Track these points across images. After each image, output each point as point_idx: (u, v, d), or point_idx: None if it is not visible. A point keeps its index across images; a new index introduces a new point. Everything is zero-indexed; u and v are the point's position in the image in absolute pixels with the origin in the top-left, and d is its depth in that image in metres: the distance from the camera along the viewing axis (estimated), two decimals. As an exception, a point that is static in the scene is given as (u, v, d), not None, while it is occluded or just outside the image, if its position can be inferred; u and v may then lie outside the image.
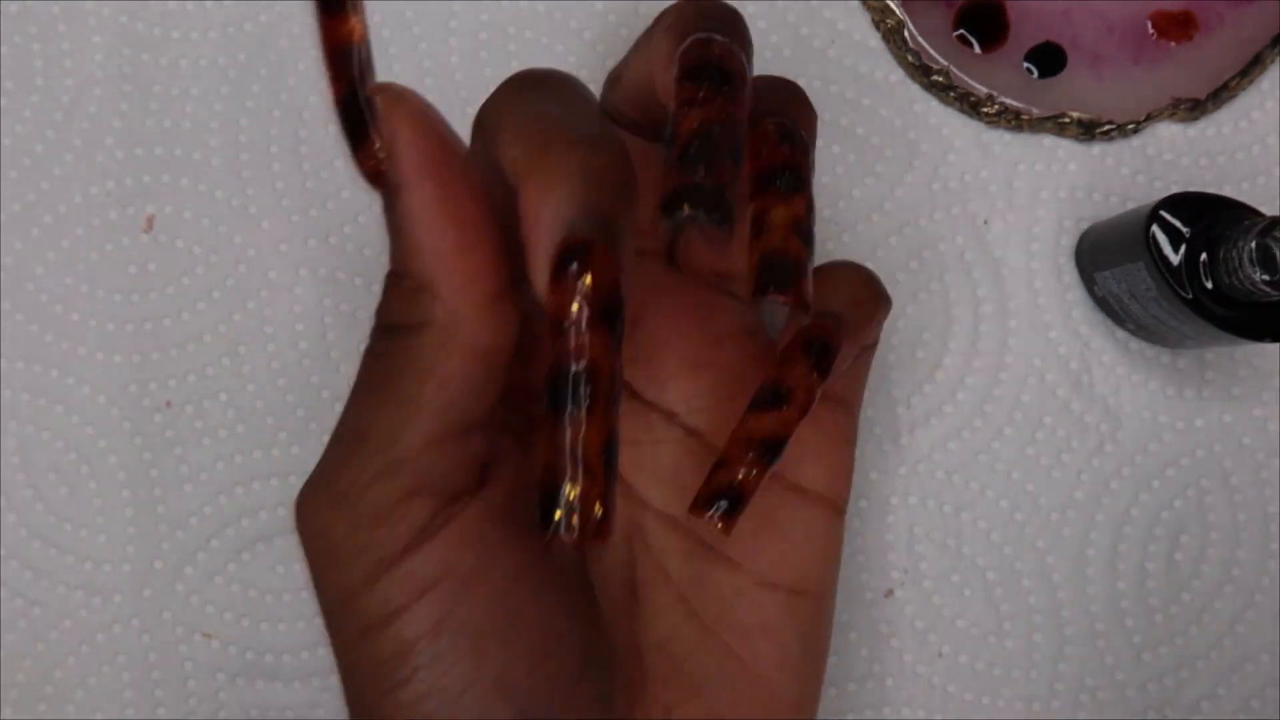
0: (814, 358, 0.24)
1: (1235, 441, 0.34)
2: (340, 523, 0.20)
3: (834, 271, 0.27)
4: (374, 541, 0.20)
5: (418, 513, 0.20)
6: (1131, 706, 0.33)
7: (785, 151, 0.24)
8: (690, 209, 0.21)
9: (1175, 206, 0.31)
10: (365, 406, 0.21)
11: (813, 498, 0.27)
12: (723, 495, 0.23)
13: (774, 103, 0.26)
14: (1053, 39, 0.35)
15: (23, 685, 0.33)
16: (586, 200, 0.19)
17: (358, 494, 0.20)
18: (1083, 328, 0.35)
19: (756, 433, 0.24)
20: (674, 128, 0.22)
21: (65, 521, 0.33)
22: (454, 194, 0.20)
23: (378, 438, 0.20)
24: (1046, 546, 0.34)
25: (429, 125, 0.20)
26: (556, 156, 0.19)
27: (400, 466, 0.20)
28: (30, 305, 0.34)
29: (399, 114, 0.20)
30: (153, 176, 0.35)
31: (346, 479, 0.20)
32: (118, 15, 0.35)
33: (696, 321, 0.28)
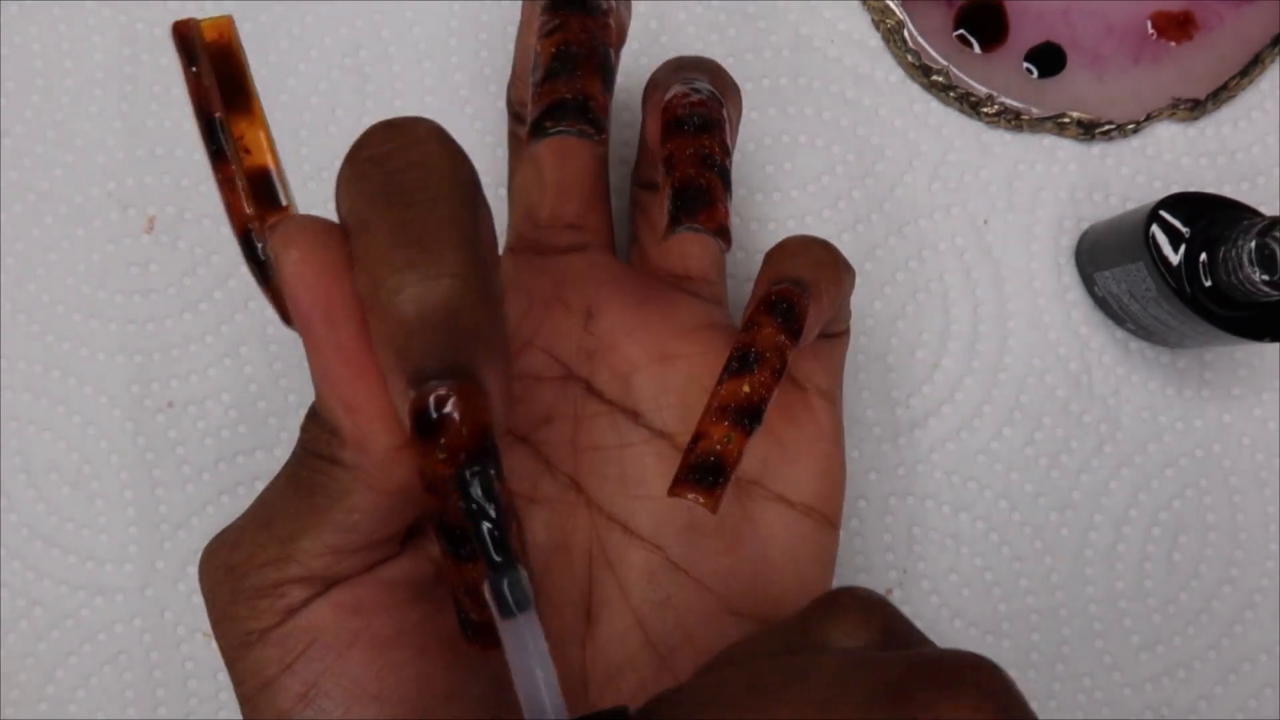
0: (780, 318, 0.23)
1: (1235, 442, 0.34)
2: (227, 588, 0.20)
3: (791, 241, 0.26)
4: (251, 613, 0.20)
5: (296, 595, 0.20)
6: (1130, 706, 0.33)
7: (694, 100, 0.24)
8: (552, 125, 0.21)
9: (1175, 206, 0.31)
10: (281, 497, 0.20)
11: (801, 510, 0.26)
12: (704, 468, 0.22)
13: (687, 71, 0.26)
14: (1053, 39, 0.35)
15: (24, 685, 0.33)
16: (433, 350, 0.17)
17: (246, 569, 0.20)
18: (1082, 328, 0.35)
19: (730, 400, 0.23)
20: (537, 58, 0.22)
21: (67, 522, 0.33)
22: (350, 343, 0.18)
23: (281, 530, 0.20)
24: (1045, 547, 0.34)
25: (323, 266, 0.18)
26: (387, 297, 0.17)
27: (292, 560, 0.20)
28: (32, 306, 0.34)
29: (288, 261, 0.18)
30: (154, 177, 0.35)
31: (243, 553, 0.20)
32: (118, 16, 0.36)
33: (659, 314, 0.27)
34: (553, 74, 0.21)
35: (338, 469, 0.19)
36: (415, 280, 0.17)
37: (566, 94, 0.21)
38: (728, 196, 0.23)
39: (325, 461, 0.19)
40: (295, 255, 0.18)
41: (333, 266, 0.18)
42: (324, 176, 0.35)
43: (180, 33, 0.19)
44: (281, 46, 0.36)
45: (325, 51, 0.36)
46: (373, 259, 0.18)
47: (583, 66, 0.22)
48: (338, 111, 0.35)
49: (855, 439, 0.34)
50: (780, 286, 0.24)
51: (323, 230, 0.19)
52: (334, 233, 0.19)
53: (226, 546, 0.21)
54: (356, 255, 0.18)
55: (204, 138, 0.20)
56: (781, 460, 0.26)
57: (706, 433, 0.22)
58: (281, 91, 0.35)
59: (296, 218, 0.19)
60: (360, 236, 0.18)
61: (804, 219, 0.35)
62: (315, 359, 0.19)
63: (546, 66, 0.22)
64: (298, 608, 0.20)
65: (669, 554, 0.26)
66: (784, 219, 0.35)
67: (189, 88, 0.20)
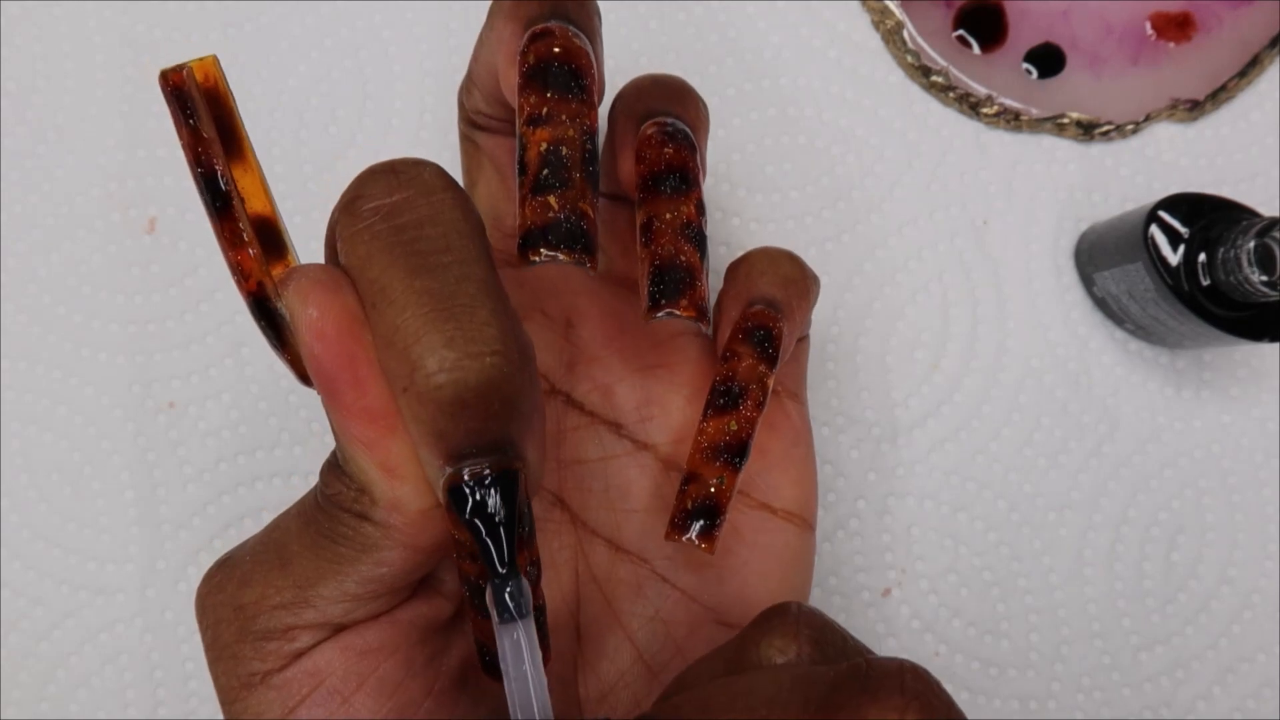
0: (759, 347, 0.23)
1: (1233, 442, 0.34)
2: (233, 626, 0.20)
3: (756, 256, 0.25)
4: (256, 654, 0.20)
5: (306, 640, 0.20)
6: (1128, 706, 0.33)
7: (670, 153, 0.23)
8: (547, 250, 0.20)
9: (1174, 207, 0.31)
10: (298, 542, 0.20)
11: (783, 517, 0.26)
12: (699, 512, 0.23)
13: (657, 100, 0.25)
14: (1052, 40, 0.35)
15: (26, 685, 0.33)
16: (472, 431, 0.17)
17: (257, 610, 0.19)
18: (1081, 328, 0.35)
19: (718, 438, 0.23)
20: (523, 151, 0.21)
21: (68, 522, 0.34)
22: (376, 404, 0.18)
23: (299, 575, 0.19)
24: (1044, 547, 0.34)
25: (341, 322, 0.18)
26: (424, 380, 0.17)
27: (308, 606, 0.19)
28: (33, 307, 0.34)
29: (305, 319, 0.18)
30: (154, 178, 0.35)
31: (253, 593, 0.20)
32: (119, 17, 0.36)
33: (635, 323, 0.27)
34: (545, 186, 0.20)
35: (367, 525, 0.19)
36: (454, 361, 0.17)
37: (560, 214, 0.20)
38: (705, 264, 0.23)
39: (352, 516, 0.19)
40: (313, 312, 0.18)
41: (351, 321, 0.18)
42: (324, 179, 0.35)
43: (173, 82, 0.18)
44: (281, 48, 0.36)
45: (325, 52, 0.36)
46: (404, 337, 0.17)
47: (574, 175, 0.21)
48: (338, 112, 0.35)
49: (855, 439, 0.34)
50: (754, 309, 0.24)
51: (334, 282, 0.18)
52: (345, 283, 0.18)
53: (233, 583, 0.20)
54: (381, 329, 0.17)
55: (205, 194, 0.18)
56: (763, 468, 0.26)
57: (698, 474, 0.23)
58: (282, 92, 0.35)
59: (307, 269, 0.18)
60: (384, 310, 0.17)
61: (804, 219, 0.35)
62: (341, 421, 0.18)
63: (536, 174, 0.21)
64: (305, 651, 0.20)
65: (655, 567, 0.25)
66: (784, 219, 0.35)
67: (185, 142, 0.18)
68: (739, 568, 0.25)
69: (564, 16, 0.22)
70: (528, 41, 0.22)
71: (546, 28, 0.22)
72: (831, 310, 0.35)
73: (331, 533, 0.19)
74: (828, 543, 0.34)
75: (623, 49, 0.36)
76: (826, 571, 0.34)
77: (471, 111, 0.26)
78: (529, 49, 0.22)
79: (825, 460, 0.34)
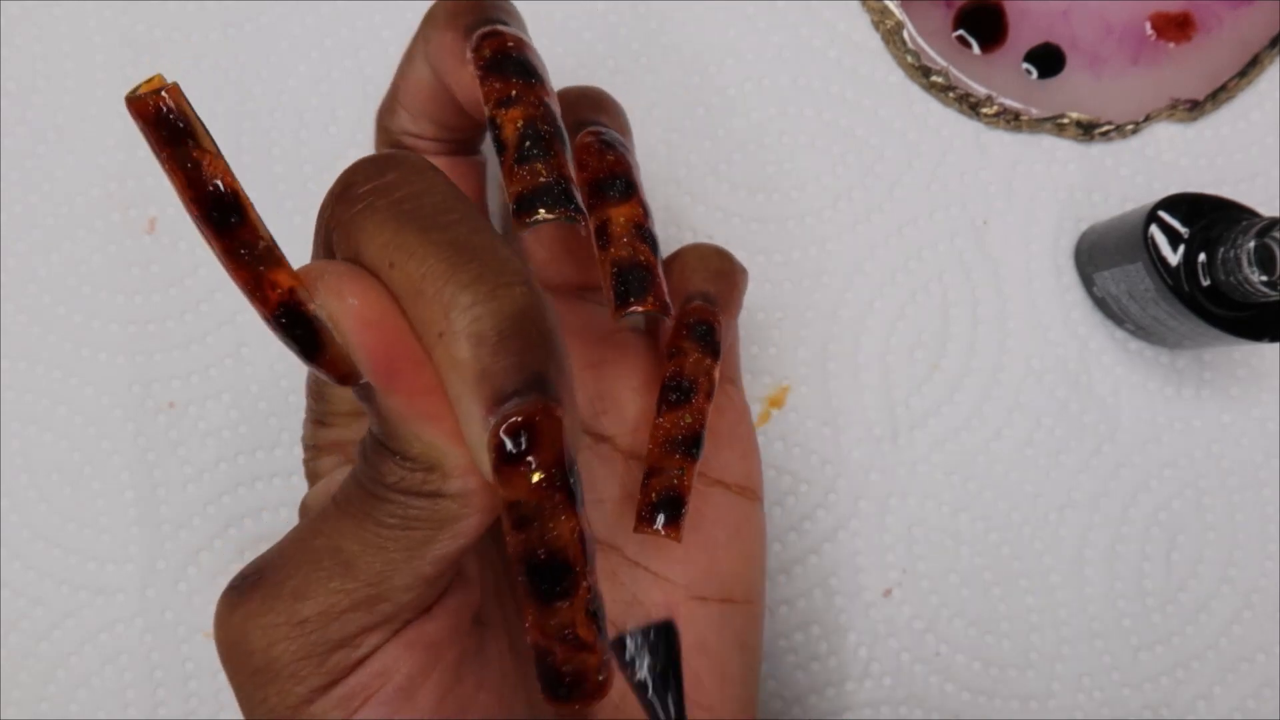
0: (701, 342, 0.25)
1: (1234, 442, 0.34)
2: (294, 645, 0.19)
3: (688, 254, 0.27)
4: (319, 668, 0.19)
5: (373, 641, 0.19)
6: (1128, 706, 0.33)
7: (611, 160, 0.24)
8: (546, 211, 0.21)
9: (1173, 207, 0.31)
10: (355, 539, 0.19)
11: (736, 491, 0.27)
12: (664, 504, 0.24)
13: (587, 110, 0.26)
14: (1052, 40, 0.35)
15: (26, 685, 0.33)
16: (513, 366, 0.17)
17: (324, 620, 0.19)
18: (1081, 328, 0.35)
19: (674, 432, 0.24)
20: (498, 130, 0.22)
21: (68, 522, 0.34)
22: (433, 378, 0.18)
23: (368, 571, 0.19)
24: (1044, 547, 0.34)
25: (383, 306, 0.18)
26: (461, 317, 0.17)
27: (383, 599, 0.19)
28: (33, 307, 0.34)
29: (348, 310, 0.17)
30: (154, 178, 0.35)
31: (316, 604, 0.19)
32: (119, 17, 0.36)
33: (579, 321, 0.28)
34: (529, 156, 0.21)
35: (442, 500, 0.18)
36: (488, 293, 0.17)
37: (548, 178, 0.21)
38: (658, 259, 0.24)
39: (423, 498, 0.18)
40: (353, 301, 0.17)
41: (390, 304, 0.18)
42: (325, 179, 0.35)
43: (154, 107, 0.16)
44: (281, 48, 0.36)
45: (325, 53, 0.36)
46: (433, 281, 0.17)
47: (554, 146, 0.22)
48: (338, 112, 0.35)
49: (855, 439, 0.34)
50: (692, 305, 0.25)
51: (355, 270, 0.18)
52: (363, 270, 0.18)
53: (284, 600, 0.19)
54: (406, 284, 0.17)
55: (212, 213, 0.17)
56: (714, 449, 0.27)
57: (659, 468, 0.24)
58: (282, 92, 0.35)
59: (326, 266, 0.18)
60: (405, 264, 0.17)
61: (804, 219, 0.35)
62: (405, 402, 0.18)
63: (519, 146, 0.21)
64: (371, 653, 0.19)
65: (626, 553, 0.26)
66: (784, 219, 0.35)
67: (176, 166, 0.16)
68: (705, 544, 0.26)
69: (500, 20, 0.23)
70: (480, 39, 0.23)
71: (494, 28, 0.23)
72: (832, 310, 0.35)
73: (402, 520, 0.19)
74: (828, 543, 0.34)
75: (622, 49, 0.36)
76: (827, 572, 0.34)
77: (398, 133, 0.27)
78: (482, 45, 0.23)
79: (825, 460, 0.34)
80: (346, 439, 0.24)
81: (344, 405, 0.23)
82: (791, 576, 0.34)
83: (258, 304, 0.17)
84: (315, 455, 0.24)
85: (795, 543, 0.34)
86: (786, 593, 0.34)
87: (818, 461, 0.34)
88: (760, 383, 0.34)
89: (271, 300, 0.17)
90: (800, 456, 0.34)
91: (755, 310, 0.35)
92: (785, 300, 0.35)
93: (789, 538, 0.34)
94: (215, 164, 0.17)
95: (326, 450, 0.24)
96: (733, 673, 0.26)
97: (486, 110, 0.22)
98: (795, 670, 0.33)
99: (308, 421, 0.25)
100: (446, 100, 0.25)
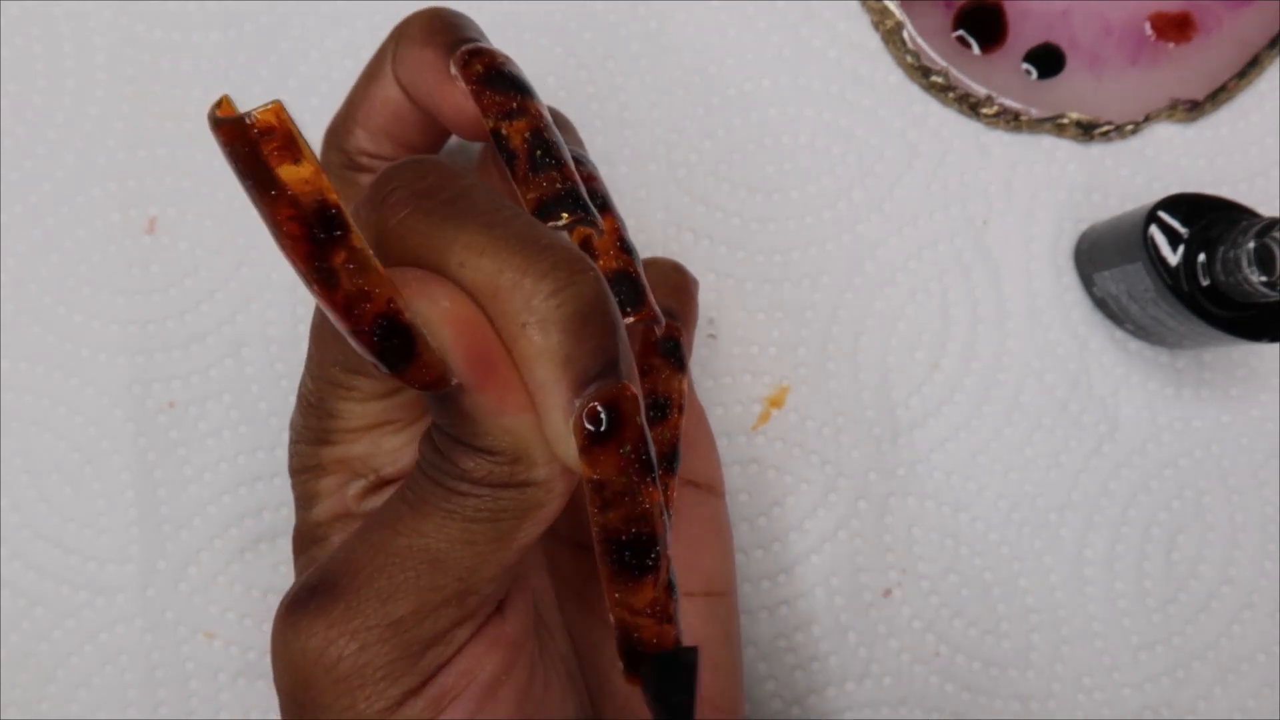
0: (669, 358, 0.25)
1: (1233, 442, 0.34)
2: (388, 648, 0.19)
3: (647, 270, 0.27)
4: (413, 668, 0.19)
5: (461, 637, 0.20)
6: (1129, 706, 0.33)
7: (585, 174, 0.25)
8: (568, 216, 0.21)
9: (1173, 207, 0.31)
10: (442, 536, 0.19)
11: (705, 489, 0.28)
12: None
13: None
14: (1051, 40, 0.35)
15: (26, 685, 0.33)
16: (595, 350, 0.17)
17: (418, 617, 0.19)
18: (1081, 328, 0.35)
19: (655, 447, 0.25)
20: (505, 141, 0.22)
21: (69, 522, 0.34)
22: (514, 372, 0.18)
23: (458, 565, 0.19)
24: (1044, 547, 0.34)
25: (470, 305, 0.18)
26: (545, 304, 0.17)
27: (468, 594, 0.19)
28: (33, 307, 0.34)
29: (442, 314, 0.18)
30: (154, 178, 0.35)
31: (409, 603, 0.19)
32: (119, 17, 0.36)
33: None
34: (543, 164, 0.22)
35: (530, 489, 0.19)
36: (566, 279, 0.17)
37: (564, 185, 0.22)
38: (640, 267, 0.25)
39: (512, 489, 0.19)
40: (446, 304, 0.18)
41: (473, 303, 0.18)
42: (324, 177, 0.35)
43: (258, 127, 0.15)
44: (282, 49, 0.36)
45: (325, 53, 0.36)
46: (510, 275, 0.17)
47: (562, 155, 0.22)
48: (338, 112, 0.35)
49: (855, 439, 0.34)
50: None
51: (432, 274, 0.18)
52: (440, 275, 0.18)
53: (371, 604, 0.19)
54: (482, 279, 0.18)
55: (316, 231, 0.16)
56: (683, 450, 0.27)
57: None
58: (282, 93, 0.35)
59: (404, 273, 0.18)
60: (478, 261, 0.18)
61: (804, 219, 0.35)
62: (494, 399, 0.18)
63: (530, 155, 0.22)
64: (459, 650, 0.20)
65: None
66: (784, 219, 0.35)
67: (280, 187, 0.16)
68: (687, 542, 0.27)
69: (477, 38, 0.24)
70: (468, 56, 0.23)
71: (477, 45, 0.23)
72: (831, 310, 0.35)
73: (491, 512, 0.19)
74: (828, 543, 0.34)
75: (622, 49, 0.36)
76: (828, 571, 0.34)
77: (354, 153, 0.27)
78: (473, 61, 0.23)
79: (825, 460, 0.34)
80: (354, 455, 0.23)
81: (357, 420, 0.22)
82: (792, 576, 0.34)
83: (350, 319, 0.17)
84: (316, 476, 0.23)
85: (795, 542, 0.34)
86: (786, 593, 0.34)
87: (818, 461, 0.34)
88: (760, 383, 0.34)
89: (369, 313, 0.17)
90: (800, 456, 0.34)
91: (755, 310, 0.35)
92: (785, 300, 0.35)
93: (789, 537, 0.34)
94: (319, 178, 0.16)
95: (330, 470, 0.23)
96: (723, 663, 0.26)
97: (489, 123, 0.23)
98: (795, 670, 0.33)
99: (301, 444, 0.24)
100: (412, 119, 0.26)
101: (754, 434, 0.34)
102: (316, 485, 0.24)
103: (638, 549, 0.18)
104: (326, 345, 0.21)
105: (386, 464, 0.22)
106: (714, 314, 0.35)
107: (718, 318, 0.35)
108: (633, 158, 0.35)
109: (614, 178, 0.35)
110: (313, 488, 0.24)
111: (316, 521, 0.23)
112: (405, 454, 0.22)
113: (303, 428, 0.23)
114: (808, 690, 0.33)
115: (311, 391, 0.22)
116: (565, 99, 0.36)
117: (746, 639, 0.33)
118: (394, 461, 0.22)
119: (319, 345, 0.21)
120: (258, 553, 0.34)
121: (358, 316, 0.17)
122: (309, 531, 0.23)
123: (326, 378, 0.21)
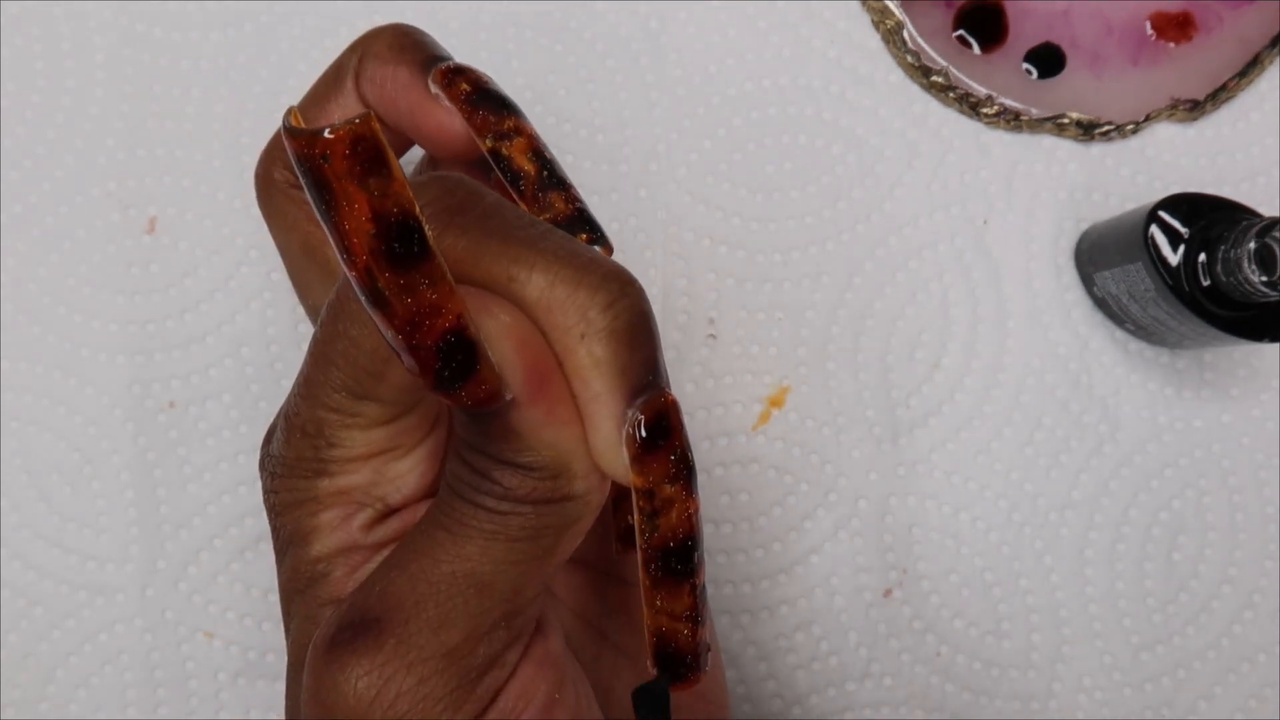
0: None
1: (1234, 442, 0.34)
2: (446, 675, 0.19)
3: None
4: (470, 696, 0.19)
5: (512, 659, 0.19)
6: (1129, 706, 0.33)
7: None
8: (586, 237, 0.22)
9: (1174, 207, 0.31)
10: (487, 558, 0.19)
11: None
12: None
13: None
14: (1052, 40, 0.35)
15: (25, 685, 0.33)
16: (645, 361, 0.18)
17: (473, 642, 0.19)
18: (1082, 328, 0.35)
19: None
20: (506, 161, 0.23)
21: (68, 522, 0.34)
22: (564, 386, 0.18)
23: (503, 587, 0.19)
24: (1045, 547, 0.34)
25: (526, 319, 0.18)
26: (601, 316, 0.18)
27: (515, 614, 0.19)
28: (32, 307, 0.34)
29: (502, 327, 0.17)
30: (154, 178, 0.35)
31: (460, 630, 0.19)
32: (119, 17, 0.36)
33: None
34: (552, 184, 0.23)
35: (569, 503, 0.19)
36: (618, 292, 0.18)
37: (574, 207, 0.23)
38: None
39: (554, 504, 0.19)
40: (506, 319, 0.18)
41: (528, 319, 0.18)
42: (324, 177, 0.35)
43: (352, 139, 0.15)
44: (282, 48, 0.36)
45: (326, 53, 0.36)
46: (563, 289, 0.18)
47: (564, 174, 0.23)
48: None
49: (855, 439, 0.34)
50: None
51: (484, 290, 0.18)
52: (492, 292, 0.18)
53: (424, 634, 0.19)
54: (534, 294, 0.18)
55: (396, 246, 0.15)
56: None
57: None
58: (281, 93, 0.35)
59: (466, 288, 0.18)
60: (531, 276, 0.18)
61: (804, 219, 0.35)
62: (545, 413, 0.18)
63: (538, 174, 0.23)
64: (512, 673, 0.19)
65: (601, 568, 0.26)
66: (784, 219, 0.35)
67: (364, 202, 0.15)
68: None
69: (445, 55, 0.24)
70: (450, 75, 0.23)
71: (455, 64, 0.24)
72: (831, 310, 0.35)
73: (534, 530, 0.19)
74: (829, 542, 0.34)
75: (622, 49, 0.36)
76: (828, 571, 0.34)
77: (289, 186, 0.27)
78: (457, 80, 0.23)
79: (826, 460, 0.34)
80: (355, 485, 0.22)
81: (360, 448, 0.21)
82: (792, 576, 0.34)
83: (415, 334, 0.16)
84: (312, 511, 0.22)
85: (796, 542, 0.34)
86: (786, 593, 0.34)
87: (818, 461, 0.34)
88: (760, 383, 0.34)
89: (437, 329, 0.16)
90: (800, 456, 0.34)
91: (755, 310, 0.35)
92: (785, 300, 0.35)
93: (790, 537, 0.34)
94: (405, 191, 0.15)
95: (329, 503, 0.22)
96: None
97: (485, 143, 0.23)
98: (795, 670, 0.33)
99: (290, 478, 0.22)
100: None
101: (754, 434, 0.34)
102: (314, 521, 0.22)
103: (683, 554, 0.18)
104: (331, 369, 0.20)
105: (392, 491, 0.21)
106: (714, 314, 0.35)
107: (718, 318, 0.35)
108: (633, 157, 0.35)
109: (614, 177, 0.35)
110: (308, 524, 0.22)
111: (316, 558, 0.21)
112: (410, 479, 0.22)
113: (293, 460, 0.21)
114: (808, 690, 0.33)
115: (307, 420, 0.21)
116: (565, 99, 0.36)
117: (746, 639, 0.33)
118: (400, 489, 0.21)
119: (321, 369, 0.20)
120: (258, 552, 0.34)
121: (424, 332, 0.16)
122: (306, 570, 0.22)
123: (327, 404, 0.20)
